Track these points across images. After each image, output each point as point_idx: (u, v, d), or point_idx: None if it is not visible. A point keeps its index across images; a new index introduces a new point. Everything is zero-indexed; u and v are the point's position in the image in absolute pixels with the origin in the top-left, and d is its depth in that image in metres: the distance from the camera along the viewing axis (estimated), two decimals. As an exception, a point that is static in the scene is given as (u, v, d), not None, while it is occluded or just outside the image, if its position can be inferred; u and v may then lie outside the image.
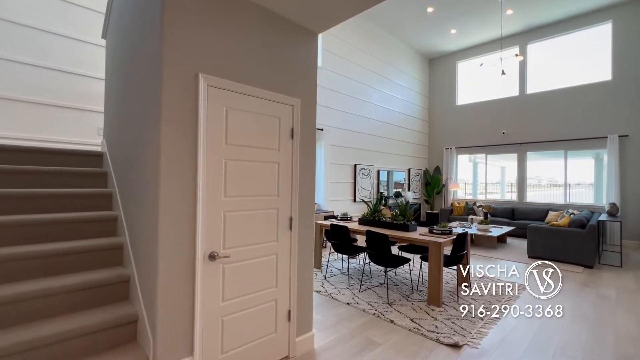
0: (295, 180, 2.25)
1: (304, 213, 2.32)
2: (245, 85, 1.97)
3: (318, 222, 4.50)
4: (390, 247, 3.33)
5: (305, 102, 2.33)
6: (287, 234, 2.22)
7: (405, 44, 8.73)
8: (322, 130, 6.32)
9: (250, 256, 2.01)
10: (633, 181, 6.52)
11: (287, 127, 2.21)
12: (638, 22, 6.52)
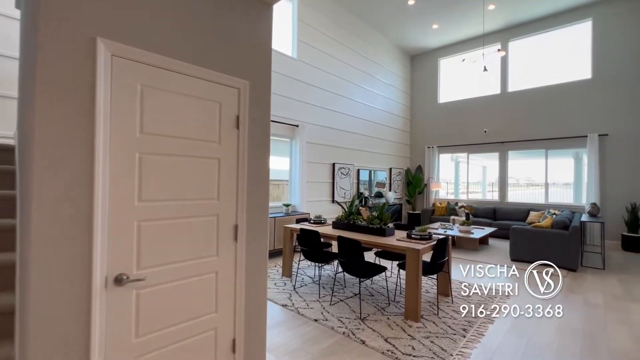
0: (242, 180, 1.84)
1: (254, 220, 1.92)
2: (172, 60, 1.54)
3: (288, 226, 4.10)
4: (363, 255, 2.97)
5: (255, 85, 1.93)
6: (231, 247, 1.80)
7: (387, 38, 8.44)
8: (298, 126, 5.92)
9: (179, 276, 1.58)
10: (612, 181, 6.46)
11: (230, 115, 1.79)
12: (617, 21, 6.46)
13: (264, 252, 1.99)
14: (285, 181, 6.24)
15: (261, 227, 1.97)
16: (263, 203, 1.98)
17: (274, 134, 5.75)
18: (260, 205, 1.96)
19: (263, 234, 1.99)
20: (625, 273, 4.51)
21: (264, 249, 1.99)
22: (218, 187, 1.74)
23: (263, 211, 1.98)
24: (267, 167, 2.01)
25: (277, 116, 5.63)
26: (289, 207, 5.58)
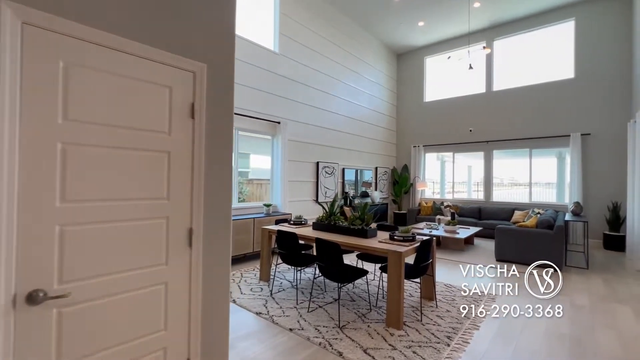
0: (199, 177, 1.61)
1: (214, 223, 1.69)
2: (108, 34, 1.30)
3: (266, 228, 3.87)
4: (342, 259, 2.78)
5: (215, 69, 1.70)
6: (185, 253, 1.57)
7: (372, 35, 8.29)
8: (279, 123, 5.69)
9: (117, 290, 1.35)
10: (594, 180, 6.49)
11: (183, 102, 1.56)
12: (600, 21, 6.49)
13: (225, 259, 1.77)
14: (267, 180, 6.00)
15: (222, 230, 1.74)
16: (224, 203, 1.75)
17: (254, 131, 5.51)
18: (221, 205, 1.74)
19: (224, 239, 1.76)
20: (608, 273, 4.48)
21: (225, 255, 1.77)
22: (168, 185, 1.51)
23: (224, 212, 1.76)
24: (229, 163, 1.78)
25: (257, 112, 5.38)
26: (270, 208, 5.35)
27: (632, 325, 2.79)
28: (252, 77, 5.31)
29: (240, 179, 6.00)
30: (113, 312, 1.33)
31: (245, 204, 5.55)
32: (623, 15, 6.24)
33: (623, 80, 6.21)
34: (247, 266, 4.54)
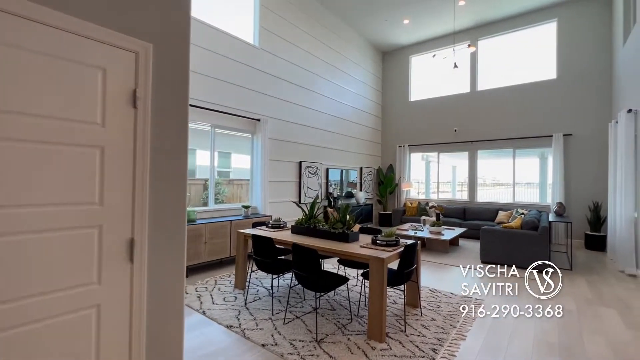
0: (143, 177, 1.36)
1: (164, 231, 1.44)
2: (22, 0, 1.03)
3: (242, 232, 3.61)
4: (320, 266, 2.56)
5: (164, 51, 1.44)
6: (124, 269, 1.32)
7: (357, 32, 8.12)
8: (259, 120, 5.42)
9: (30, 318, 1.08)
10: (576, 180, 6.53)
11: (122, 88, 1.30)
12: (581, 22, 6.53)
13: (178, 273, 1.52)
14: (247, 180, 5.73)
15: (174, 240, 1.49)
16: (177, 208, 1.50)
17: (232, 129, 5.23)
18: (174, 211, 1.49)
19: (177, 249, 1.51)
20: (592, 274, 4.44)
21: (178, 268, 1.52)
22: (101, 188, 1.25)
23: (177, 219, 1.51)
24: (183, 162, 1.53)
25: (235, 109, 5.10)
26: (248, 209, 5.07)
27: (620, 331, 2.69)
28: (230, 71, 5.02)
29: (220, 179, 5.71)
30: (26, 348, 1.07)
31: (223, 205, 5.26)
32: (603, 17, 6.30)
33: (604, 81, 6.26)
34: (223, 272, 4.26)
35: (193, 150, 5.90)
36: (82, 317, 1.20)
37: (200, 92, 4.60)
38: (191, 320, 2.79)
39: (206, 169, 5.21)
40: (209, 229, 4.26)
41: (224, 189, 5.90)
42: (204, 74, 4.64)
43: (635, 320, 2.92)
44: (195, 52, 4.53)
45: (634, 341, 2.52)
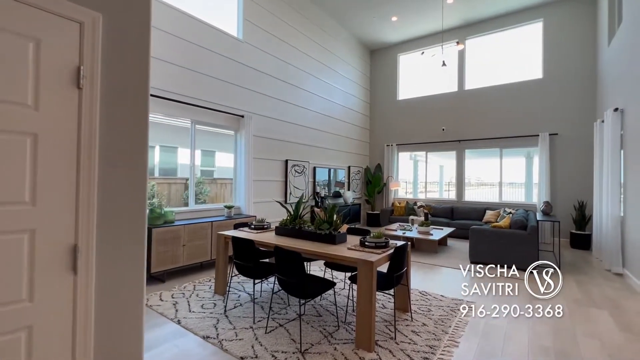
0: (89, 171, 1.14)
1: (118, 235, 1.23)
2: None
3: (222, 233, 3.38)
4: (304, 270, 2.37)
5: (116, 23, 1.23)
6: (65, 282, 1.10)
7: (345, 29, 7.98)
8: (243, 117, 5.19)
9: None
10: (561, 179, 6.57)
11: (62, 64, 1.09)
12: (566, 22, 6.58)
13: (136, 286, 1.30)
14: (231, 180, 5.49)
15: (131, 246, 1.28)
16: (135, 209, 1.29)
17: (215, 125, 4.98)
18: (130, 212, 1.27)
19: (134, 258, 1.30)
20: (580, 273, 4.42)
21: (136, 280, 1.30)
22: (33, 184, 1.03)
23: (135, 221, 1.29)
24: (143, 153, 1.32)
25: (218, 104, 4.86)
26: (231, 210, 4.84)
27: (614, 334, 2.62)
28: (212, 65, 4.78)
29: (202, 178, 5.45)
30: None
31: (204, 205, 5.00)
32: (588, 18, 6.35)
33: (589, 81, 6.31)
34: (203, 276, 4.02)
35: (174, 149, 5.63)
36: (9, 342, 0.98)
37: (179, 86, 4.34)
38: (164, 331, 2.56)
39: (188, 168, 4.96)
40: (188, 231, 4.01)
41: (207, 189, 5.64)
42: (183, 66, 4.39)
43: (626, 321, 2.85)
44: (173, 44, 4.28)
45: (628, 345, 2.45)
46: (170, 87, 4.24)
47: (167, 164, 5.60)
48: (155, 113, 4.15)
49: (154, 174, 5.07)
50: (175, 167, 5.65)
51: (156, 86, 4.05)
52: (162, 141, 5.43)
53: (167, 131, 5.08)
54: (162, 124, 4.71)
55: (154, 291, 3.40)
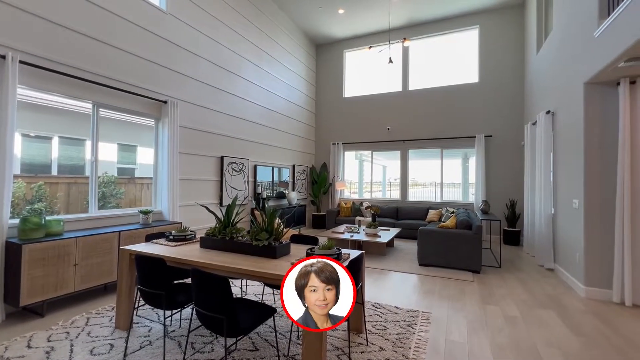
0: None
1: None
2: None
3: (126, 249, 2.56)
4: (231, 301, 1.76)
5: None
6: None
7: (289, 17, 7.43)
8: (166, 103, 4.31)
9: None
10: (495, 179, 6.92)
11: None
12: (499, 30, 6.96)
13: None
14: (150, 179, 4.55)
15: None
16: None
17: (128, 111, 4.04)
18: None
19: None
20: (518, 270, 4.52)
21: None
22: None
23: None
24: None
25: (133, 85, 3.93)
26: (148, 215, 3.94)
27: (570, 340, 2.52)
28: (126, 36, 3.84)
29: (113, 177, 4.41)
30: None
31: (112, 211, 4.01)
32: (519, 28, 6.79)
33: (519, 86, 6.74)
34: (104, 302, 3.12)
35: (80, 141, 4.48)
36: None
37: (76, 56, 3.34)
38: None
39: (107, 165, 3.98)
40: (83, 245, 3.06)
41: (121, 190, 4.61)
42: (82, 32, 3.40)
43: (575, 323, 2.82)
44: (74, 5, 3.27)
45: (586, 351, 2.34)
46: (64, 56, 3.23)
47: (70, 160, 4.45)
48: (43, 91, 3.12)
49: (51, 171, 3.95)
50: (83, 163, 4.53)
51: (44, 55, 3.03)
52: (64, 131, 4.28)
53: (72, 119, 3.99)
54: (63, 109, 3.64)
55: (23, 332, 2.44)
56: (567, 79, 4.04)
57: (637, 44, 2.57)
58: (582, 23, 3.58)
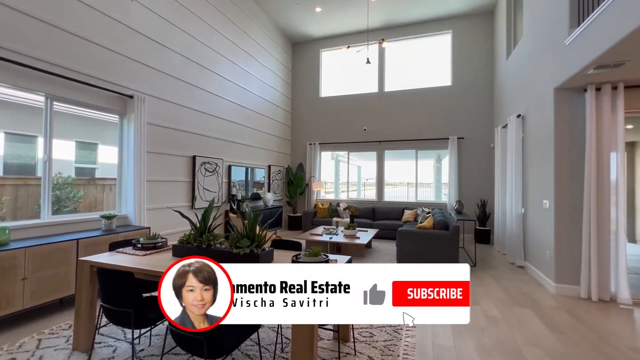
0: None
1: None
2: None
3: (86, 260, 2.27)
4: (215, 317, 1.59)
5: None
6: None
7: (265, 13, 7.21)
8: (132, 97, 3.96)
9: None
10: (467, 180, 7.14)
11: None
12: (470, 36, 7.20)
13: None
14: (113, 180, 4.17)
15: None
16: None
17: (88, 105, 3.66)
18: None
19: None
20: (492, 268, 4.67)
21: None
22: None
23: None
24: None
25: (97, 78, 3.56)
26: (111, 221, 3.60)
27: (549, 338, 2.58)
28: (84, 22, 3.46)
29: (70, 178, 4.00)
30: None
31: (70, 216, 3.61)
32: (490, 33, 7.06)
33: (489, 90, 7.01)
34: (60, 320, 2.77)
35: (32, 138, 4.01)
36: None
37: (26, 42, 2.95)
38: None
39: (63, 165, 3.58)
40: (33, 256, 2.70)
41: (80, 193, 4.19)
42: (33, 15, 3.01)
43: (550, 320, 2.91)
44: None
45: (565, 348, 2.41)
46: (12, 42, 2.84)
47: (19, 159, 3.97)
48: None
49: (-5, 171, 3.50)
50: (34, 162, 4.06)
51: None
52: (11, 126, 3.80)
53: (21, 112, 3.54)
54: (10, 102, 3.21)
55: (-43, 362, 2.09)
56: (538, 84, 4.22)
57: (606, 52, 2.69)
58: (553, 31, 3.74)
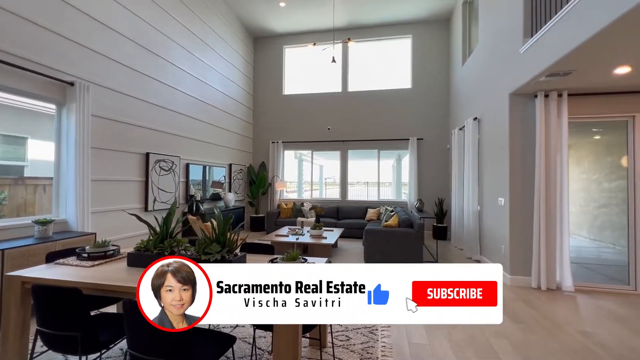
0: None
1: None
2: None
3: (16, 275, 1.89)
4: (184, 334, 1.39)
5: None
6: None
7: (224, 2, 6.83)
8: (73, 85, 3.46)
9: None
10: (426, 179, 7.46)
11: None
12: (428, 41, 7.53)
13: None
14: (48, 179, 3.62)
15: None
16: None
17: (17, 91, 3.11)
18: None
19: None
20: (451, 263, 4.89)
21: None
22: None
23: None
24: None
25: (17, 57, 3.03)
26: (48, 227, 3.10)
27: (512, 328, 2.73)
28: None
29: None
30: None
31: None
32: (447, 39, 7.44)
33: (447, 94, 7.39)
34: (-21, 348, 2.29)
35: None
36: None
37: None
38: None
39: None
40: (-59, 272, 2.20)
41: (2, 194, 3.57)
42: None
43: (510, 310, 3.09)
44: None
45: (525, 335, 2.56)
46: None
47: None
48: None
49: None
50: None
51: None
52: None
53: None
54: None
55: None
56: (493, 89, 4.50)
57: (558, 61, 2.92)
58: (508, 40, 4.00)
